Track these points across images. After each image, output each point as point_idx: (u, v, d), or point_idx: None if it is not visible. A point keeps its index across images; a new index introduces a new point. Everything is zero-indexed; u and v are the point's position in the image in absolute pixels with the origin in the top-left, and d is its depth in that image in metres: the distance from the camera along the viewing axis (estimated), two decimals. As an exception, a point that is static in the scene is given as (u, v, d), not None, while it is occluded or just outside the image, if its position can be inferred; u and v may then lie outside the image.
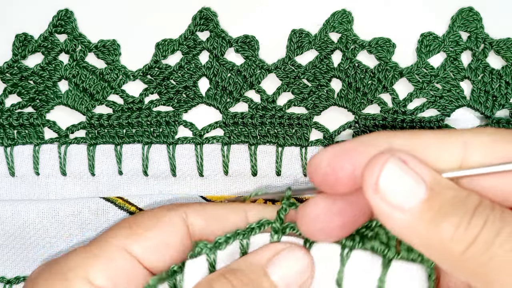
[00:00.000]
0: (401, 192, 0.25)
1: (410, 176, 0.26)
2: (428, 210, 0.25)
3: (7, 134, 0.42)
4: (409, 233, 0.26)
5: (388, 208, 0.25)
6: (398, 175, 0.25)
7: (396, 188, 0.25)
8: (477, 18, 0.41)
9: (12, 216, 0.41)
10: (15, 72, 0.42)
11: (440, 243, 0.25)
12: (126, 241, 0.31)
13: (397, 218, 0.25)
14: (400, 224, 0.25)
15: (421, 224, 0.25)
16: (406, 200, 0.25)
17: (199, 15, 0.42)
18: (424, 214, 0.25)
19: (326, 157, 0.28)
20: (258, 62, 0.42)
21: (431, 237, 0.25)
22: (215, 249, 0.31)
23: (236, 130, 0.42)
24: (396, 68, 0.41)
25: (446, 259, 0.25)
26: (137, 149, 0.42)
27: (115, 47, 0.42)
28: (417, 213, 0.25)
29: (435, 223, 0.25)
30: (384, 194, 0.25)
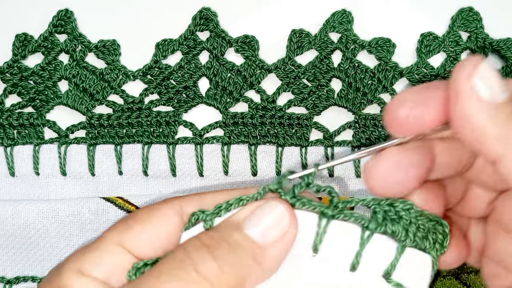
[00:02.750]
0: (492, 86, 0.27)
1: (499, 79, 0.27)
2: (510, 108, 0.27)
3: (7, 134, 0.42)
4: (487, 125, 0.27)
5: (476, 98, 0.27)
6: (491, 74, 0.27)
7: (489, 81, 0.27)
8: (477, 18, 0.41)
9: (12, 216, 0.41)
10: (15, 72, 0.42)
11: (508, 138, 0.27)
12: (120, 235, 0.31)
13: (483, 109, 0.27)
14: (483, 116, 0.27)
15: (502, 116, 0.27)
16: (496, 93, 0.27)
17: (199, 15, 0.42)
18: (506, 109, 0.27)
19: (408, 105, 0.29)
20: (258, 62, 0.42)
21: (507, 131, 0.27)
22: (213, 216, 0.30)
23: (236, 130, 0.42)
24: (396, 68, 0.41)
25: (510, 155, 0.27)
26: (137, 149, 0.42)
27: (115, 47, 0.42)
28: (502, 105, 0.27)
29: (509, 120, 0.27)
30: (477, 84, 0.27)
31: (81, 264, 0.30)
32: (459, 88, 0.27)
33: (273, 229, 0.30)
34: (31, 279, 0.42)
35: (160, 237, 0.31)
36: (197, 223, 0.31)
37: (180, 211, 0.32)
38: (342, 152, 0.42)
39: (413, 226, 0.30)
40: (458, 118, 0.27)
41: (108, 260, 0.30)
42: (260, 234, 0.30)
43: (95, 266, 0.30)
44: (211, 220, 0.30)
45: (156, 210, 0.32)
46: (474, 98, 0.27)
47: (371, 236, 0.30)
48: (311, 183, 0.31)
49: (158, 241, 0.31)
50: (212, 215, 0.30)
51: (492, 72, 0.27)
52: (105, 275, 0.30)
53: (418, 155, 0.30)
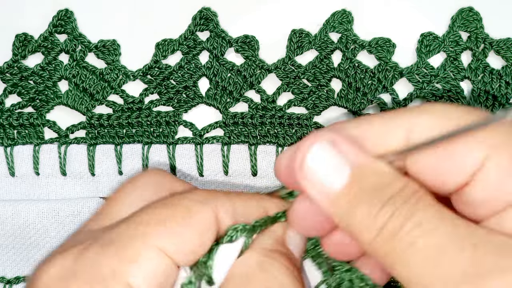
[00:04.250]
0: (324, 175, 0.26)
1: (335, 160, 0.26)
2: (347, 195, 0.26)
3: (7, 134, 0.42)
4: (333, 214, 0.27)
5: (314, 190, 0.27)
6: (323, 158, 0.26)
7: (320, 171, 0.26)
8: (477, 18, 0.41)
9: (12, 216, 0.41)
10: (15, 72, 0.42)
11: (355, 228, 0.26)
12: (160, 240, 0.28)
13: (322, 200, 0.27)
14: (325, 206, 0.27)
15: (341, 207, 0.26)
16: (329, 184, 0.26)
17: (199, 15, 0.42)
18: (344, 198, 0.26)
19: (284, 159, 0.29)
20: (258, 62, 0.42)
21: (348, 221, 0.26)
22: (253, 233, 0.31)
23: (236, 130, 0.42)
24: (396, 68, 0.41)
25: (361, 244, 0.26)
26: (137, 149, 0.42)
27: (115, 47, 0.42)
28: (338, 197, 0.26)
29: (351, 209, 0.26)
30: (309, 176, 0.26)
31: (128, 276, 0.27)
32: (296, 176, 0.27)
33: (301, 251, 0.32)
34: (31, 279, 0.42)
35: (200, 242, 0.30)
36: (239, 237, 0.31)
37: (216, 213, 0.30)
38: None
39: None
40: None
41: (153, 270, 0.28)
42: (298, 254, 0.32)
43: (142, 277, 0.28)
44: (251, 237, 0.31)
45: (196, 212, 0.30)
46: (314, 188, 0.27)
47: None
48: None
49: (197, 246, 0.29)
50: (251, 231, 0.31)
51: (326, 154, 0.26)
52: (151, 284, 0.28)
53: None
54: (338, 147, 0.26)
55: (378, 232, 0.25)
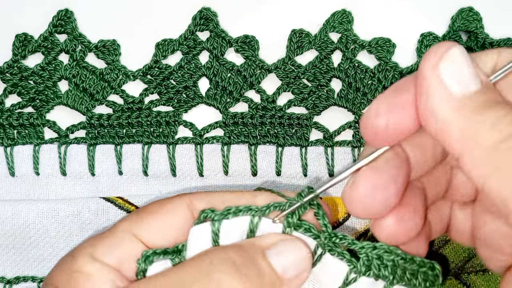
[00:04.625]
0: (459, 77, 0.25)
1: (470, 68, 0.26)
2: (477, 101, 0.25)
3: (7, 134, 0.42)
4: (450, 119, 0.26)
5: (442, 90, 0.26)
6: (461, 62, 0.26)
7: (457, 72, 0.26)
8: (477, 18, 0.41)
9: (12, 216, 0.41)
10: (15, 72, 0.42)
11: (477, 131, 0.25)
12: (132, 225, 0.32)
13: (446, 102, 0.26)
14: (446, 109, 0.25)
15: (466, 112, 0.25)
16: (462, 86, 0.25)
17: (199, 15, 0.42)
18: (472, 102, 0.25)
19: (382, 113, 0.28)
20: (258, 62, 0.42)
21: (470, 126, 0.25)
22: (222, 217, 0.31)
23: (236, 130, 0.42)
24: (396, 68, 0.41)
25: (475, 150, 0.25)
26: (137, 149, 0.42)
27: (115, 47, 0.42)
28: (466, 100, 0.25)
29: (482, 110, 0.25)
30: (443, 74, 0.26)
31: (93, 250, 0.31)
32: (424, 80, 0.26)
33: (292, 267, 0.31)
34: (31, 279, 0.42)
35: (171, 228, 0.32)
36: (205, 221, 0.31)
37: (191, 205, 0.33)
38: (342, 152, 0.42)
39: (400, 270, 0.31)
40: (422, 112, 0.26)
41: (120, 248, 0.31)
42: (281, 267, 0.30)
43: (108, 252, 0.30)
44: (219, 221, 0.31)
45: (167, 203, 0.33)
46: (439, 90, 0.25)
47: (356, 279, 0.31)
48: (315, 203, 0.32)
49: (169, 232, 0.32)
50: (220, 215, 0.31)
51: (462, 59, 0.26)
52: (117, 262, 0.30)
53: (393, 169, 0.29)
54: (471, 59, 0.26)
55: (507, 137, 0.24)
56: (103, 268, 0.30)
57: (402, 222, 0.30)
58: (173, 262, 0.31)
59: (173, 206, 0.32)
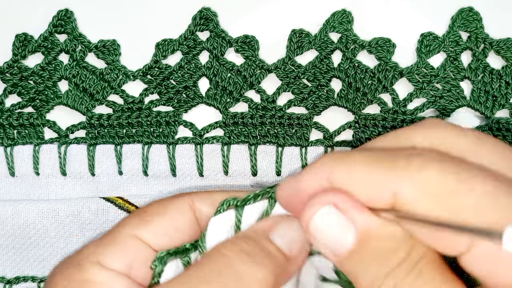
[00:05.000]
0: (331, 240, 0.27)
1: (340, 224, 0.27)
2: (353, 259, 0.27)
3: (7, 134, 0.42)
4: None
5: (322, 249, 0.28)
6: (329, 223, 0.27)
7: (326, 236, 0.27)
8: (477, 18, 0.41)
9: (12, 216, 0.41)
10: (15, 72, 0.42)
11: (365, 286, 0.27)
12: (135, 228, 0.32)
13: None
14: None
15: (349, 266, 0.27)
16: (336, 248, 0.27)
17: (199, 15, 0.42)
18: (351, 261, 0.27)
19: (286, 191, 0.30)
20: (258, 62, 0.42)
21: (359, 279, 0.27)
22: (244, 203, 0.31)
23: (236, 130, 0.42)
24: (396, 68, 0.41)
25: None
26: (137, 149, 0.42)
27: (115, 47, 0.42)
28: (345, 259, 0.27)
29: (355, 274, 0.27)
30: (317, 240, 0.28)
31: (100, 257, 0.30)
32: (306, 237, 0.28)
33: (295, 244, 0.31)
34: (31, 279, 0.42)
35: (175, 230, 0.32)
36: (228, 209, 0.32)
37: (193, 206, 0.33)
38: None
39: None
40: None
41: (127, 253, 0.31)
42: (287, 247, 0.31)
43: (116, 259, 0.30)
44: (242, 207, 0.31)
45: (169, 204, 0.33)
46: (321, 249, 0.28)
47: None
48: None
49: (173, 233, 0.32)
50: (243, 201, 0.32)
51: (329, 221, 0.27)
52: (126, 267, 0.30)
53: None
54: (343, 209, 0.27)
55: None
56: (114, 276, 0.30)
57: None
58: (183, 261, 0.31)
59: (175, 207, 0.33)
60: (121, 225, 0.32)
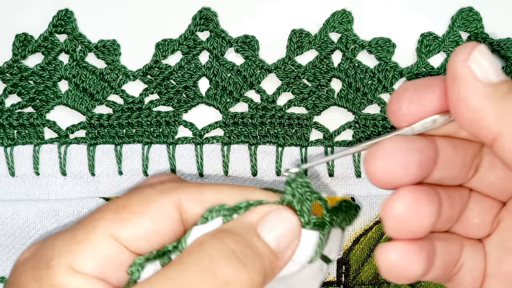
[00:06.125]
0: (486, 69, 0.27)
1: (494, 61, 0.28)
2: (506, 87, 0.27)
3: (7, 134, 0.42)
4: (483, 105, 0.27)
5: (475, 77, 0.27)
6: (486, 57, 0.27)
7: (483, 65, 0.27)
8: (477, 18, 0.41)
9: (12, 216, 0.41)
10: (15, 72, 0.42)
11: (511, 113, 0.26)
12: (112, 226, 0.29)
13: (478, 90, 0.27)
14: (478, 96, 0.27)
15: (499, 94, 0.27)
16: (490, 76, 0.27)
17: (199, 15, 0.42)
18: (502, 88, 0.27)
19: (408, 96, 0.29)
20: (258, 62, 0.42)
21: (505, 108, 0.26)
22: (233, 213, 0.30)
23: (236, 130, 0.42)
24: (396, 68, 0.41)
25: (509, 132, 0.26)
26: (137, 149, 0.42)
27: (115, 47, 0.42)
28: (499, 85, 0.27)
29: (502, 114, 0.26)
30: (476, 63, 0.27)
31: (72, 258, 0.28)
32: (455, 71, 0.27)
33: (284, 239, 0.30)
34: (31, 279, 0.41)
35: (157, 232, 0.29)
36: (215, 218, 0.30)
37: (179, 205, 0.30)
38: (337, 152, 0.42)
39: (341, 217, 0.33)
40: (455, 101, 0.27)
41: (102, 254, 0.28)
42: (275, 242, 0.30)
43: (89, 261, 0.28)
44: (230, 216, 0.30)
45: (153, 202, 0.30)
46: (470, 80, 0.27)
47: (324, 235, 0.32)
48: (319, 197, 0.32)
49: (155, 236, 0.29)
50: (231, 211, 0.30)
51: (487, 55, 0.27)
52: (100, 270, 0.28)
53: (421, 142, 0.29)
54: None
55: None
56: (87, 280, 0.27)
57: (416, 206, 0.28)
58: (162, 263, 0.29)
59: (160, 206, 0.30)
60: (96, 219, 0.29)
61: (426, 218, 0.28)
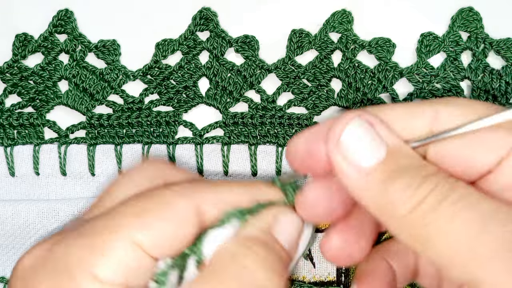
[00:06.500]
0: (360, 151, 0.26)
1: (372, 137, 0.27)
2: (383, 171, 0.26)
3: (7, 134, 0.42)
4: (362, 192, 0.27)
5: (346, 165, 0.27)
6: (361, 134, 0.27)
7: (357, 146, 0.27)
8: (477, 18, 0.41)
9: (12, 216, 0.41)
10: (15, 72, 0.42)
11: (388, 203, 0.26)
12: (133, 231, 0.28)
13: (353, 176, 0.27)
14: (355, 183, 0.27)
15: (374, 184, 0.26)
16: (364, 159, 0.26)
17: (199, 15, 0.42)
18: (378, 174, 0.26)
19: (302, 142, 0.29)
20: (258, 62, 0.42)
21: (382, 197, 0.26)
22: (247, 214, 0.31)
23: (236, 130, 0.42)
24: (396, 68, 0.41)
25: (392, 220, 0.26)
26: (137, 149, 0.42)
27: (115, 47, 0.42)
28: (372, 172, 0.26)
29: (388, 182, 0.26)
30: (345, 151, 0.27)
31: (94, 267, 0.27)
32: (332, 158, 0.27)
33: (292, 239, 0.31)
34: (31, 279, 0.41)
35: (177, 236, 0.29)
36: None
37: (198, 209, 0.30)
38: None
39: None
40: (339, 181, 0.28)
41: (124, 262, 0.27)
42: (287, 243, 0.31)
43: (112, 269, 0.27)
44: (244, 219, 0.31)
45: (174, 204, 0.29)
46: (346, 166, 0.27)
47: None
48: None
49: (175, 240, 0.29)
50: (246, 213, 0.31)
51: (362, 132, 0.27)
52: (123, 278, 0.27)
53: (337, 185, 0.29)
54: (374, 126, 0.27)
55: (416, 206, 0.25)
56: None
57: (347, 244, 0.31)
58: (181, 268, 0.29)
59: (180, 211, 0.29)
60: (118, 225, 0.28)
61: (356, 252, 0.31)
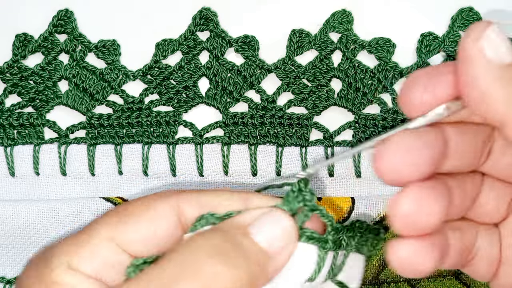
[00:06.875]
0: (497, 50, 0.26)
1: (506, 42, 0.27)
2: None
3: (7, 134, 0.42)
4: (492, 88, 0.26)
5: (482, 60, 0.26)
6: (497, 37, 0.27)
7: (494, 46, 0.26)
8: (477, 18, 0.41)
9: (12, 216, 0.41)
10: (15, 72, 0.42)
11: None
12: (112, 230, 0.30)
13: (488, 72, 0.26)
14: (487, 78, 0.26)
15: (508, 79, 0.26)
16: (501, 58, 0.26)
17: (199, 15, 0.42)
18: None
19: (421, 85, 0.28)
20: (258, 62, 0.42)
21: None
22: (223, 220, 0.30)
23: (236, 130, 0.42)
24: (396, 68, 0.41)
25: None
26: (137, 149, 0.42)
27: (115, 47, 0.42)
28: (508, 68, 0.26)
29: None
30: (484, 47, 0.26)
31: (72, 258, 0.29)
32: (466, 52, 0.26)
33: (277, 239, 0.30)
34: (31, 279, 0.42)
35: (156, 235, 0.30)
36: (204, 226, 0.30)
37: (177, 210, 0.31)
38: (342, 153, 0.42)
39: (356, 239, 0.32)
40: (465, 82, 0.27)
41: (100, 256, 0.29)
42: (266, 241, 0.30)
43: (87, 261, 0.29)
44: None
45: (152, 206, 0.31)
46: (481, 61, 0.26)
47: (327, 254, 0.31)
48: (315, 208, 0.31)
49: (153, 240, 0.30)
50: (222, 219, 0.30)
51: (500, 34, 0.27)
52: (97, 271, 0.29)
53: (430, 136, 0.28)
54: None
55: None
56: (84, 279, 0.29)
57: (423, 204, 0.28)
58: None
59: (158, 211, 0.31)
60: (99, 223, 0.30)
61: (434, 215, 0.28)
